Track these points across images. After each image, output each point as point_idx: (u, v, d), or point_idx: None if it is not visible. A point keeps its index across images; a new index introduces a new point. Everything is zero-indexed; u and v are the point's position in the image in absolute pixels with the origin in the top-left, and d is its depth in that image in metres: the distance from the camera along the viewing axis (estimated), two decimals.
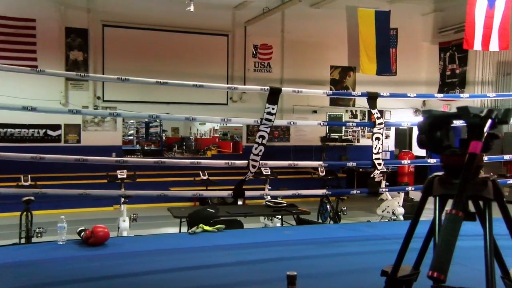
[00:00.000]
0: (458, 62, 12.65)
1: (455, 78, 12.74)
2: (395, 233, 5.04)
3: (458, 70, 12.69)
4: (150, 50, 11.79)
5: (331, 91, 5.34)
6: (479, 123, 1.49)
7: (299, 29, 12.59)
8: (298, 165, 5.35)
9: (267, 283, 3.67)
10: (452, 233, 1.36)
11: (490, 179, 1.58)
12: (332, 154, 12.58)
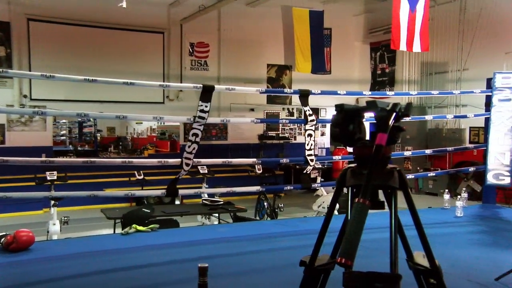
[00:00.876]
0: (387, 62, 13.23)
1: (385, 77, 13.31)
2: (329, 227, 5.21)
3: (387, 70, 13.28)
4: (82, 47, 11.38)
5: (264, 88, 5.43)
6: (385, 116, 1.58)
7: (235, 27, 12.64)
8: (232, 162, 5.38)
9: None
10: (359, 221, 1.44)
11: (396, 170, 1.67)
12: (270, 152, 12.75)
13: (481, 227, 5.64)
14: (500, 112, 6.04)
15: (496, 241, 5.05)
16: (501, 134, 6.01)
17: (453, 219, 5.95)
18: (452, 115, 7.59)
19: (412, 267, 1.73)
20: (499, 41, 10.24)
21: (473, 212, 6.29)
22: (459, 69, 11.17)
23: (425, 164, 11.70)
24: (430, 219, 6.05)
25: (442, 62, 11.63)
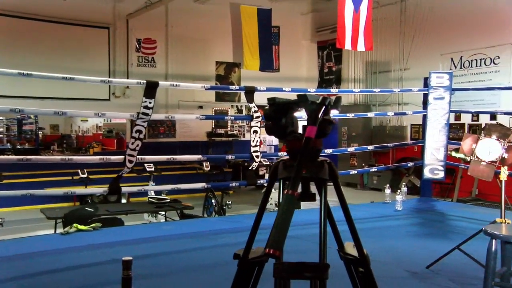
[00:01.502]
0: (334, 61, 13.53)
1: (332, 75, 13.61)
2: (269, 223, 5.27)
3: (334, 68, 13.58)
4: (23, 41, 10.88)
5: (209, 85, 5.41)
6: (315, 110, 1.61)
7: (183, 24, 12.51)
8: (177, 159, 5.34)
9: (141, 279, 3.61)
10: (287, 212, 1.46)
11: (327, 162, 1.72)
12: (219, 149, 12.72)
13: (418, 219, 5.90)
14: (435, 110, 6.33)
15: (430, 232, 5.30)
16: (436, 131, 6.30)
17: (393, 212, 6.19)
18: (392, 112, 7.88)
19: (343, 257, 1.79)
20: (436, 43, 10.71)
21: (411, 206, 6.57)
22: (401, 69, 11.59)
23: (370, 161, 12.06)
24: (372, 213, 6.26)
25: (386, 61, 12.03)
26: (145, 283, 3.40)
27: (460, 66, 10.35)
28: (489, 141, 3.75)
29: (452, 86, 6.46)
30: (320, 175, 1.68)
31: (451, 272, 3.75)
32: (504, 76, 9.45)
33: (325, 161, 1.72)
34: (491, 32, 9.70)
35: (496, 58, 9.67)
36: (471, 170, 3.88)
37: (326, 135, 1.70)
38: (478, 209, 6.80)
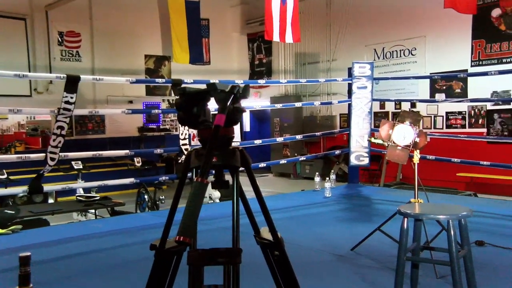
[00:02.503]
0: (264, 52, 13.68)
1: (263, 67, 13.75)
2: (206, 215, 5.28)
3: (265, 60, 13.73)
4: None
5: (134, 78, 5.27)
6: (224, 98, 1.63)
7: (109, 16, 12.09)
8: (103, 154, 5.19)
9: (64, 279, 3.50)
10: (196, 199, 1.47)
11: (239, 150, 1.74)
12: (151, 144, 12.47)
13: (345, 205, 6.14)
14: (359, 99, 6.59)
15: (356, 216, 5.54)
16: (361, 119, 6.57)
17: (322, 199, 6.39)
18: (319, 102, 8.12)
19: (259, 242, 1.83)
20: (360, 34, 11.13)
21: (339, 192, 6.82)
22: (328, 60, 11.94)
23: (302, 151, 12.35)
24: (302, 201, 6.44)
25: (314, 53, 12.33)
26: (65, 282, 3.30)
27: (383, 57, 10.83)
28: (403, 126, 3.96)
29: (373, 75, 6.74)
30: (232, 163, 1.71)
31: (373, 252, 3.94)
32: (420, 67, 10.01)
33: (237, 148, 1.75)
34: (408, 25, 10.23)
35: (413, 49, 10.22)
36: (389, 155, 4.09)
37: (236, 123, 1.73)
38: (401, 192, 7.18)
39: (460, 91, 9.49)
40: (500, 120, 8.96)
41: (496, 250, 4.02)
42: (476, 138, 8.35)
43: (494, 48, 8.91)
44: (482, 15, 8.84)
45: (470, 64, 9.28)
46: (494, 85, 8.79)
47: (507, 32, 8.74)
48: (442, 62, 9.56)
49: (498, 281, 3.36)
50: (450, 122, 9.78)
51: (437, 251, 3.26)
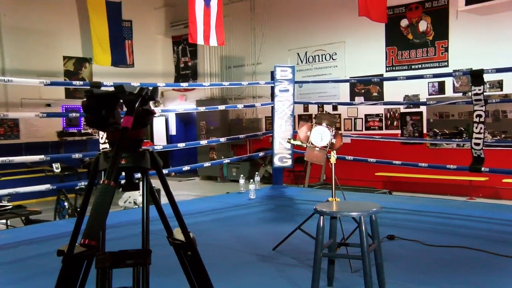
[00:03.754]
0: (189, 55, 13.61)
1: (188, 70, 13.67)
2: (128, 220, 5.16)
3: (190, 63, 13.66)
4: None
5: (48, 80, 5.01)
6: (132, 100, 1.63)
7: (20, 14, 11.39)
8: (15, 160, 4.90)
9: None
10: (103, 202, 1.46)
11: (149, 151, 1.74)
12: (72, 149, 11.92)
13: (269, 206, 6.26)
14: (281, 102, 6.76)
15: (279, 216, 5.67)
16: (283, 121, 6.73)
17: (246, 201, 6.47)
18: (242, 105, 8.20)
19: (172, 243, 1.83)
20: (284, 38, 11.42)
21: (264, 194, 6.94)
22: (253, 63, 12.12)
23: (228, 154, 12.41)
24: (227, 203, 6.48)
25: (239, 56, 12.46)
26: None
27: (306, 61, 11.18)
28: (320, 128, 4.12)
29: (295, 79, 6.94)
30: (141, 164, 1.70)
31: (293, 251, 4.06)
32: (341, 71, 10.45)
33: (147, 150, 1.75)
34: (328, 30, 10.64)
35: (334, 54, 10.65)
36: (307, 156, 4.22)
37: (146, 125, 1.73)
38: (323, 192, 7.43)
39: (377, 95, 10.02)
40: (412, 122, 9.57)
41: (405, 243, 4.29)
42: (390, 139, 8.86)
43: (404, 55, 9.52)
44: (393, 24, 9.41)
45: (385, 69, 9.83)
46: (406, 90, 9.37)
47: (414, 41, 9.37)
48: (361, 66, 10.04)
49: (407, 271, 3.59)
50: (369, 124, 10.29)
51: (352, 247, 3.43)
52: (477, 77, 5.23)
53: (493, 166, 5.82)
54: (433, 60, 9.15)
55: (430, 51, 9.20)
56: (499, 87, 8.25)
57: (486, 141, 5.41)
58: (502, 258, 3.75)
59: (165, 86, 8.35)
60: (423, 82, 8.99)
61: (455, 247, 4.09)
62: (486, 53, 8.11)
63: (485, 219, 5.20)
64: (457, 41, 8.80)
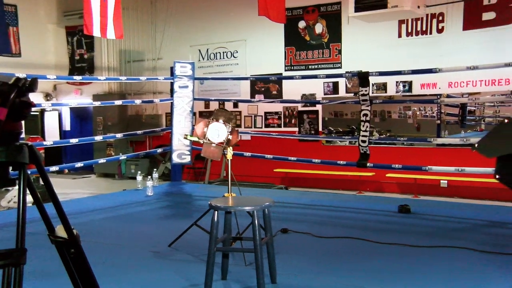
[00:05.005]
0: (85, 48, 12.94)
1: (84, 62, 13.00)
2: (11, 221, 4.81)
3: (86, 55, 12.99)
4: None
5: None
6: (6, 91, 1.52)
7: None
8: None
9: None
10: None
11: (27, 145, 1.64)
12: None
13: (166, 202, 6.20)
14: (180, 98, 6.71)
15: (177, 213, 5.64)
16: (182, 118, 6.69)
17: (144, 198, 6.34)
18: (140, 100, 8.01)
19: (53, 240, 1.74)
20: (186, 34, 11.32)
21: (162, 190, 6.85)
22: (154, 58, 11.86)
23: (127, 150, 12.02)
24: (123, 200, 6.30)
25: (139, 50, 12.11)
26: None
27: (207, 58, 11.18)
28: (217, 124, 4.17)
29: (195, 75, 6.92)
30: (18, 159, 1.60)
31: (189, 247, 4.06)
32: (242, 68, 10.61)
33: (25, 144, 1.65)
34: (230, 28, 10.75)
35: (235, 52, 10.79)
36: (204, 152, 4.25)
37: (24, 117, 1.63)
38: (223, 188, 7.49)
39: (276, 93, 10.33)
40: (309, 120, 10.02)
41: (297, 235, 4.49)
42: (287, 136, 9.20)
43: (302, 55, 9.93)
44: (292, 25, 9.77)
45: (284, 68, 10.16)
46: (304, 89, 9.78)
47: (311, 43, 9.82)
48: (261, 65, 10.28)
49: (298, 262, 3.77)
50: (268, 121, 10.57)
51: (246, 240, 3.52)
52: (363, 78, 5.63)
53: (379, 162, 6.31)
54: (328, 62, 9.64)
55: (325, 53, 9.69)
56: (384, 89, 8.94)
57: (371, 139, 5.84)
58: (381, 245, 4.09)
59: (57, 79, 7.84)
60: (319, 82, 9.44)
61: (342, 237, 4.37)
62: (373, 57, 8.73)
63: (369, 210, 5.62)
64: (349, 44, 9.36)
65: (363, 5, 6.95)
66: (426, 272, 3.46)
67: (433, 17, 8.29)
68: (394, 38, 8.72)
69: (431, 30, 8.34)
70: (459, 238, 4.28)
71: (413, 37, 8.54)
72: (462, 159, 6.66)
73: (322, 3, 9.61)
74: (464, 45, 7.95)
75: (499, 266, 3.56)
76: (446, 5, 8.03)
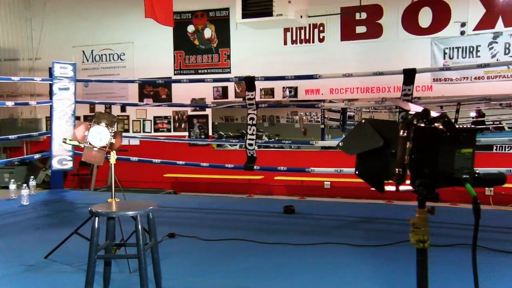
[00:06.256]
0: None
1: None
2: None
3: None
4: None
5: None
6: None
7: None
8: None
9: None
10: None
11: None
12: None
13: (45, 211, 5.78)
14: (61, 101, 6.30)
15: (55, 222, 5.28)
16: (63, 121, 6.28)
17: (17, 208, 5.85)
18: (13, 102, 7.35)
19: None
20: (67, 34, 10.65)
21: (40, 199, 6.37)
22: (31, 58, 11.00)
23: (0, 157, 11.00)
24: None
25: (13, 49, 11.13)
26: None
27: (92, 60, 10.66)
28: (99, 128, 3.98)
29: (76, 77, 6.55)
30: None
31: (69, 257, 3.83)
32: (130, 71, 10.28)
33: None
34: (116, 29, 10.36)
35: (122, 54, 10.43)
36: (85, 156, 4.03)
37: None
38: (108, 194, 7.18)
39: (166, 97, 10.17)
40: (199, 124, 10.01)
41: (185, 239, 4.45)
42: (178, 140, 9.11)
43: (191, 59, 9.90)
44: (181, 29, 9.70)
45: (173, 72, 10.04)
46: (194, 94, 9.75)
47: (200, 47, 9.84)
48: (150, 68, 10.04)
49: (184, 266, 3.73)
50: (158, 126, 10.36)
51: (131, 246, 3.40)
52: (250, 83, 5.77)
53: (267, 165, 6.49)
54: (217, 66, 9.73)
55: (214, 58, 9.76)
56: (271, 94, 9.25)
57: (258, 142, 6.01)
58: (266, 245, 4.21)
59: None
60: (209, 87, 9.49)
61: (228, 239, 4.42)
62: (260, 63, 8.98)
63: (256, 212, 5.77)
64: (238, 50, 9.53)
65: (250, 12, 7.12)
66: (304, 266, 3.64)
67: (315, 27, 8.79)
68: (280, 45, 9.07)
69: (313, 39, 8.83)
70: (337, 235, 4.56)
71: (298, 45, 8.97)
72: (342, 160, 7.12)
73: (210, 8, 9.69)
74: (342, 55, 8.53)
75: (371, 257, 3.86)
76: (326, 16, 8.55)
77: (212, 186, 9.66)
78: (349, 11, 8.25)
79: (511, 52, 7.55)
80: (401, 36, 8.16)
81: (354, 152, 1.75)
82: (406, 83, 5.21)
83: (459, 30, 7.78)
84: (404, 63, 6.48)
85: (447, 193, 7.13)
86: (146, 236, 3.11)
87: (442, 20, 7.87)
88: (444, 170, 1.59)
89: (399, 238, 4.11)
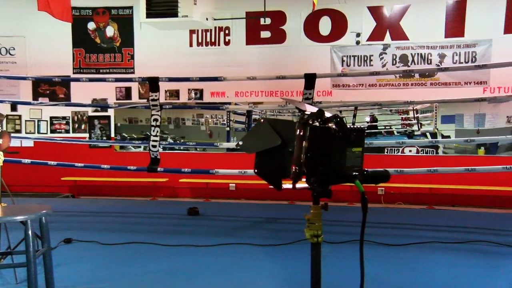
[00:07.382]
0: None
1: None
2: None
3: None
4: None
5: None
6: None
7: None
8: None
9: None
10: None
11: None
12: None
13: None
14: None
15: None
16: None
17: None
18: None
19: None
20: None
21: None
22: None
23: None
24: None
25: None
26: None
27: None
28: None
29: None
30: None
31: None
32: (21, 68, 9.55)
33: None
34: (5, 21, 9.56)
35: (12, 49, 9.67)
36: None
37: None
38: None
39: (64, 97, 9.60)
40: (100, 126, 9.59)
41: (83, 244, 4.24)
42: (77, 141, 8.65)
43: (93, 58, 9.45)
44: (80, 25, 9.22)
45: (72, 71, 9.51)
46: (95, 94, 9.32)
47: (102, 46, 9.44)
48: (46, 66, 9.40)
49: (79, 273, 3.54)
50: (55, 127, 9.75)
51: (19, 254, 3.15)
52: (153, 84, 5.65)
53: (172, 167, 6.38)
54: (120, 66, 9.38)
55: (117, 57, 9.41)
56: (176, 96, 9.13)
57: (162, 144, 5.90)
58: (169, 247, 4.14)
59: None
60: (111, 87, 9.11)
61: (130, 243, 4.28)
62: (165, 64, 8.79)
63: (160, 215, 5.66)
64: (142, 50, 9.27)
65: (154, 12, 6.98)
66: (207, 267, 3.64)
67: (220, 30, 8.84)
68: (186, 47, 8.99)
69: (219, 42, 8.87)
70: (240, 236, 4.62)
71: (203, 47, 8.95)
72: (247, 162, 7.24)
73: (113, 5, 9.34)
74: (247, 58, 8.68)
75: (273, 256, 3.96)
76: (231, 20, 8.65)
77: (114, 189, 9.28)
78: (253, 16, 8.42)
79: (397, 63, 8.21)
80: (304, 43, 8.49)
81: (253, 151, 1.79)
82: (307, 87, 5.44)
83: (355, 39, 8.28)
84: (306, 68, 6.74)
85: (344, 194, 7.56)
86: (38, 242, 2.91)
87: (340, 29, 8.33)
88: (337, 167, 1.68)
89: (300, 237, 4.27)
